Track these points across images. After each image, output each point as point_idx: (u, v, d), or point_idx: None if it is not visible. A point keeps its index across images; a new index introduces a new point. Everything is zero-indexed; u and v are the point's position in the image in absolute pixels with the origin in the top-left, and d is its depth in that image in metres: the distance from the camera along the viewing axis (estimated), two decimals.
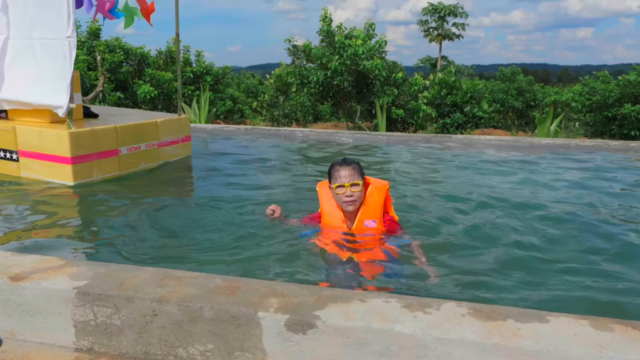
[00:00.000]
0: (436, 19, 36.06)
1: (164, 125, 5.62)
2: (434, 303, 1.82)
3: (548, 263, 2.89)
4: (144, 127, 5.36)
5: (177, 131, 5.86)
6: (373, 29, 11.30)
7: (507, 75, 22.28)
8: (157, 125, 5.52)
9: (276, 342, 1.75)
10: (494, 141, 7.57)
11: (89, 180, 4.70)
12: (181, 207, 4.06)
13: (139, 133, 5.26)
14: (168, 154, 5.72)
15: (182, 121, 6.00)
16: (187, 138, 6.10)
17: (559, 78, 65.77)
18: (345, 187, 2.85)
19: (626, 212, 4.01)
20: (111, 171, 4.95)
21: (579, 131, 14.37)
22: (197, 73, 14.95)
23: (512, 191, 4.57)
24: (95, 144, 4.75)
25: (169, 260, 2.90)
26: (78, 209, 4.12)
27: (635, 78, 11.17)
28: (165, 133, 5.64)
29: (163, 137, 5.61)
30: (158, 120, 5.55)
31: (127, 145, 5.11)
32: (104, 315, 1.90)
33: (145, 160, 5.37)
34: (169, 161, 5.71)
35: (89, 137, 4.70)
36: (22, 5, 4.70)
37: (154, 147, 5.49)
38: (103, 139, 4.84)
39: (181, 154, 5.96)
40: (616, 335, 1.61)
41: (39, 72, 4.68)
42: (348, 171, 2.86)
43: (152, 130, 5.46)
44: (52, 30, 4.52)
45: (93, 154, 4.74)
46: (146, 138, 5.36)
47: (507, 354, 1.58)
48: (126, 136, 5.08)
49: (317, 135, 8.23)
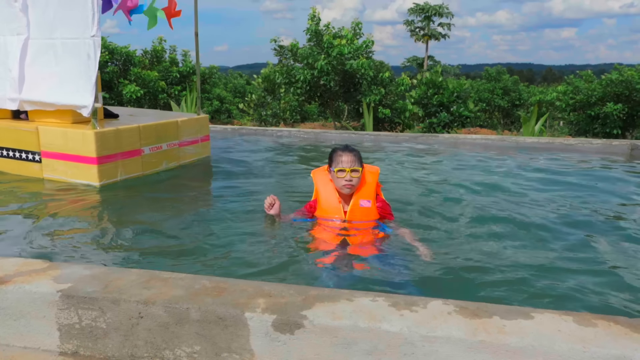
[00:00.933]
0: (422, 19, 36.29)
1: (184, 125, 5.57)
2: (421, 301, 1.83)
3: (533, 260, 2.92)
4: (166, 127, 5.30)
5: (197, 131, 5.79)
6: (360, 28, 11.34)
7: (492, 74, 22.47)
8: (177, 125, 5.46)
9: (264, 343, 1.74)
10: (480, 140, 7.64)
11: (113, 181, 4.65)
12: (172, 208, 4.03)
13: (161, 133, 5.21)
14: (188, 153, 5.66)
15: (202, 121, 5.92)
16: (206, 138, 6.02)
17: (543, 77, 66.52)
18: (346, 172, 3.04)
19: (609, 209, 4.06)
20: (134, 171, 4.90)
21: (563, 130, 14.56)
22: (184, 73, 14.88)
23: (497, 190, 4.61)
24: (119, 143, 4.71)
25: (156, 262, 2.88)
26: (64, 210, 4.07)
27: (617, 77, 11.35)
28: (185, 133, 5.58)
29: (184, 137, 5.56)
30: (179, 120, 5.50)
31: (149, 145, 5.06)
32: (89, 318, 1.88)
33: (167, 160, 5.32)
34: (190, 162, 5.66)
35: (113, 137, 4.65)
36: (43, 6, 4.67)
37: (175, 147, 5.44)
38: (127, 139, 4.79)
39: (201, 153, 5.89)
40: (599, 331, 1.63)
41: (62, 72, 4.67)
42: (350, 157, 3.06)
43: (173, 130, 5.40)
44: (75, 29, 4.51)
45: (118, 154, 4.70)
46: (168, 138, 5.31)
47: (492, 351, 1.59)
48: (149, 136, 5.04)
49: (305, 135, 8.22)
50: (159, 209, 3.99)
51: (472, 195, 4.38)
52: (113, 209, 4.01)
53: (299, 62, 11.49)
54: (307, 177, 4.94)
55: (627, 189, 4.78)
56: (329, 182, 3.20)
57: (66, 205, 4.10)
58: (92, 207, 4.06)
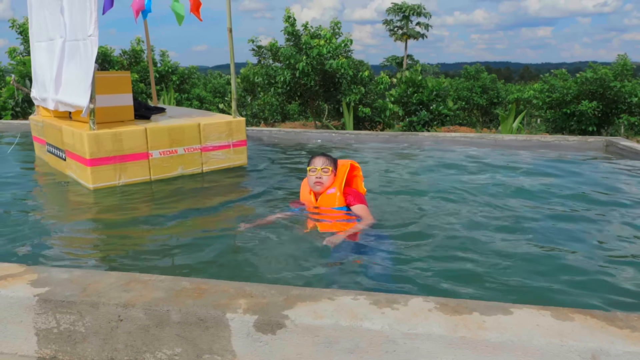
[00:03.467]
0: (401, 19, 36.53)
1: (209, 128, 5.20)
2: (402, 299, 1.84)
3: (511, 255, 2.96)
4: (182, 130, 5.01)
5: (227, 135, 5.33)
6: (339, 27, 11.34)
7: (471, 73, 22.70)
8: (199, 128, 5.13)
9: (245, 343, 1.74)
10: (460, 138, 7.71)
11: (111, 184, 4.55)
12: (159, 214, 3.99)
13: (175, 136, 4.95)
14: (216, 159, 5.28)
15: (234, 124, 5.40)
16: (241, 143, 5.50)
17: (520, 76, 67.51)
18: (317, 170, 3.42)
19: (585, 204, 4.15)
20: (139, 175, 4.75)
21: (540, 127, 14.80)
22: (162, 73, 14.70)
23: (474, 186, 4.66)
24: (119, 146, 4.58)
25: (136, 265, 2.85)
26: (52, 211, 4.01)
27: (592, 76, 11.58)
28: (211, 137, 5.20)
29: (208, 141, 5.19)
30: (201, 123, 5.15)
31: (159, 148, 4.84)
32: (67, 322, 1.85)
33: (184, 165, 5.05)
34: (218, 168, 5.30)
35: (111, 139, 4.54)
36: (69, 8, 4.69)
37: (196, 152, 5.12)
38: (129, 142, 4.64)
39: (233, 160, 5.42)
40: (576, 325, 1.66)
41: (71, 73, 4.72)
42: (322, 160, 3.46)
43: (192, 134, 5.07)
44: (80, 31, 4.51)
45: (116, 156, 4.57)
46: (184, 142, 5.02)
47: (473, 346, 1.61)
48: (158, 139, 4.83)
49: (285, 135, 8.21)
50: (146, 213, 3.94)
51: (450, 192, 4.42)
52: (100, 212, 3.95)
53: (279, 61, 11.45)
54: (288, 176, 4.95)
55: (602, 184, 4.88)
56: (307, 184, 3.60)
57: (58, 207, 4.06)
58: (80, 209, 4.01)
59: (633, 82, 11.96)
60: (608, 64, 12.70)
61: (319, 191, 3.43)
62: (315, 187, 3.42)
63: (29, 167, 5.82)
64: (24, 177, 5.17)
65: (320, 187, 3.41)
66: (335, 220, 3.34)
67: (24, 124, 8.56)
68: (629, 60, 12.30)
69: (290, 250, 3.01)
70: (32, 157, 6.18)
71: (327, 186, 3.42)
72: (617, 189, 4.69)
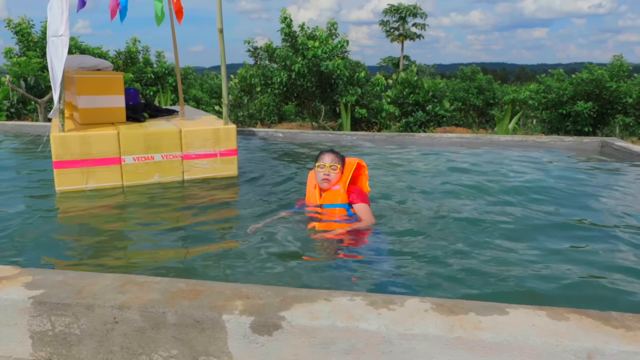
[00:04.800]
0: (397, 20, 36.61)
1: (192, 135, 4.89)
2: (398, 299, 1.84)
3: (508, 255, 2.97)
4: (160, 136, 4.76)
5: (213, 143, 4.98)
6: (335, 28, 11.35)
7: (467, 74, 22.75)
8: (180, 135, 4.85)
9: (242, 345, 1.73)
10: (456, 139, 7.73)
11: (78, 188, 4.48)
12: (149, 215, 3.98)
13: (152, 142, 4.72)
14: (200, 168, 4.97)
15: (222, 132, 5.03)
16: (231, 152, 5.09)
17: (516, 77, 67.70)
18: (325, 167, 3.42)
19: (580, 205, 4.16)
20: (110, 181, 4.61)
21: (536, 128, 14.85)
22: (158, 74, 14.68)
23: (471, 186, 4.67)
24: (86, 150, 4.47)
25: (131, 267, 2.84)
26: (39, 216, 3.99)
27: (588, 76, 11.62)
28: (194, 144, 4.90)
29: (191, 149, 4.89)
30: (183, 129, 4.87)
31: (133, 154, 4.66)
32: (62, 325, 1.84)
33: (161, 172, 4.80)
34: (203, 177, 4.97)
35: (78, 142, 4.44)
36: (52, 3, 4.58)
37: (176, 159, 4.85)
38: (98, 145, 4.51)
39: (221, 170, 5.05)
40: (572, 324, 1.67)
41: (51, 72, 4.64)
42: (331, 156, 3.47)
43: (171, 140, 4.81)
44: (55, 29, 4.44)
45: (84, 160, 4.47)
46: (162, 148, 4.76)
47: (469, 347, 1.61)
48: (132, 144, 4.65)
49: (283, 136, 8.21)
50: (133, 217, 3.94)
51: (446, 192, 4.43)
52: (94, 215, 3.94)
53: (275, 62, 11.45)
54: (288, 177, 4.94)
55: (598, 184, 4.90)
56: (313, 178, 3.61)
57: (52, 209, 4.04)
58: (74, 211, 3.99)
59: (628, 83, 12.01)
60: (603, 64, 12.74)
61: (325, 187, 3.46)
62: (322, 183, 3.46)
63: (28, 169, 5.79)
64: (20, 180, 5.14)
65: (327, 184, 3.44)
66: (335, 218, 3.38)
67: (19, 125, 8.53)
68: (625, 61, 12.35)
69: (287, 250, 3.01)
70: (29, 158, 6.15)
71: (334, 183, 3.45)
72: (612, 189, 4.71)
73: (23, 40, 12.65)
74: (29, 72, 10.56)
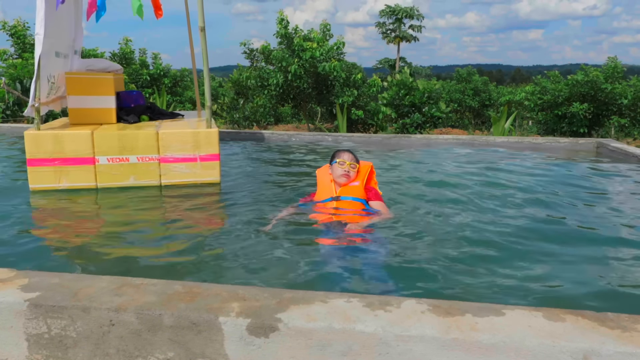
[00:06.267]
0: (393, 21, 36.72)
1: (169, 138, 4.71)
2: (395, 301, 1.84)
3: (504, 255, 2.98)
4: (135, 137, 4.63)
5: (193, 147, 4.76)
6: (329, 29, 11.37)
7: (463, 75, 22.83)
8: (157, 137, 4.69)
9: (238, 347, 1.73)
10: (452, 140, 7.75)
11: (53, 187, 4.48)
12: (138, 216, 3.97)
13: (127, 143, 4.60)
14: (177, 172, 4.77)
15: (202, 136, 4.79)
16: (212, 157, 4.83)
17: (512, 78, 67.92)
18: (346, 164, 3.62)
19: (576, 205, 4.17)
20: (84, 181, 4.57)
21: (532, 129, 14.89)
22: (154, 75, 14.67)
23: (467, 187, 4.68)
24: (59, 148, 4.47)
25: (128, 269, 2.83)
26: (29, 217, 3.97)
27: (583, 78, 11.67)
28: (171, 147, 4.72)
29: (168, 152, 4.72)
30: (160, 131, 4.70)
31: (107, 154, 4.58)
32: (58, 327, 1.83)
33: (136, 175, 4.68)
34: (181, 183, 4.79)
35: (51, 140, 4.45)
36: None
37: (152, 162, 4.70)
38: (71, 144, 4.49)
39: (201, 175, 4.82)
40: (568, 325, 1.67)
41: None
42: (350, 156, 3.69)
43: (148, 142, 4.65)
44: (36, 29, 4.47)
45: (57, 159, 4.47)
46: (138, 150, 4.63)
47: (465, 348, 1.61)
48: (106, 145, 4.57)
49: (279, 137, 8.21)
50: (123, 217, 3.93)
51: (442, 193, 4.44)
52: (87, 216, 3.92)
53: (271, 64, 11.45)
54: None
55: (593, 185, 4.92)
56: (328, 174, 3.77)
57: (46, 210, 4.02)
58: (67, 212, 3.97)
59: (623, 84, 12.07)
60: (598, 66, 12.80)
61: (343, 183, 3.60)
62: (341, 178, 3.59)
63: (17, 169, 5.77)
64: (14, 182, 5.12)
65: (346, 179, 3.59)
66: (354, 210, 3.53)
67: (14, 127, 8.50)
68: (620, 62, 12.42)
69: (285, 251, 3.01)
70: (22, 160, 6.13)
71: (352, 180, 3.62)
72: (607, 191, 4.73)
73: (18, 43, 12.63)
74: (25, 75, 10.53)
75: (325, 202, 3.63)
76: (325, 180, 3.74)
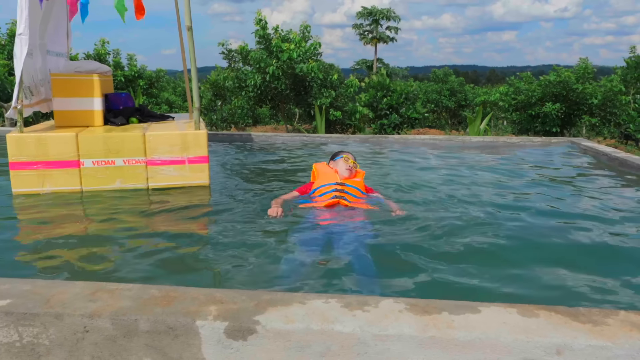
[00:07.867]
0: (370, 23, 36.93)
1: (156, 140, 4.61)
2: (372, 300, 1.85)
3: (481, 253, 3.02)
4: (121, 140, 4.53)
5: (181, 149, 4.67)
6: (308, 31, 11.39)
7: (439, 76, 23.10)
8: (144, 139, 4.60)
9: (216, 351, 1.72)
10: (429, 140, 7.83)
11: (36, 191, 4.38)
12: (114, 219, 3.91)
13: (112, 146, 4.50)
14: (165, 175, 4.67)
15: (191, 137, 4.70)
16: (201, 159, 4.74)
17: (487, 79, 68.96)
18: (350, 160, 3.99)
19: (549, 201, 4.26)
20: (68, 185, 4.46)
21: (507, 129, 15.15)
22: (129, 77, 14.46)
23: (444, 187, 4.74)
24: (43, 151, 4.35)
25: (105, 274, 2.78)
26: (6, 222, 3.87)
27: (555, 78, 11.93)
28: (158, 149, 4.62)
29: (155, 155, 4.62)
30: (147, 133, 4.62)
31: (92, 157, 4.48)
32: (30, 335, 1.79)
33: (123, 178, 4.58)
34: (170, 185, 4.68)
35: (34, 143, 4.34)
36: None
37: (139, 165, 4.60)
38: (55, 147, 4.38)
39: (189, 178, 4.72)
40: (541, 321, 1.71)
41: None
42: (353, 156, 4.11)
43: (134, 144, 4.56)
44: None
45: (40, 162, 4.36)
46: (124, 152, 4.54)
47: (442, 346, 1.63)
48: (91, 147, 4.47)
49: (257, 138, 8.18)
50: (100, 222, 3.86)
51: (420, 193, 4.48)
52: (62, 221, 3.84)
53: (249, 64, 11.40)
54: (269, 181, 4.91)
55: (566, 183, 5.03)
56: (328, 167, 4.06)
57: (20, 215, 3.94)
58: (43, 217, 3.88)
59: (593, 85, 12.38)
60: (570, 67, 13.11)
61: (346, 176, 3.90)
62: (345, 172, 3.91)
63: None
64: None
65: (350, 174, 3.92)
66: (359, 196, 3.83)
67: None
68: (590, 63, 12.72)
69: (263, 250, 2.99)
70: None
71: (354, 176, 3.96)
72: (579, 188, 4.84)
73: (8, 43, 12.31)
74: None
75: (328, 185, 3.84)
76: (327, 170, 4.01)
